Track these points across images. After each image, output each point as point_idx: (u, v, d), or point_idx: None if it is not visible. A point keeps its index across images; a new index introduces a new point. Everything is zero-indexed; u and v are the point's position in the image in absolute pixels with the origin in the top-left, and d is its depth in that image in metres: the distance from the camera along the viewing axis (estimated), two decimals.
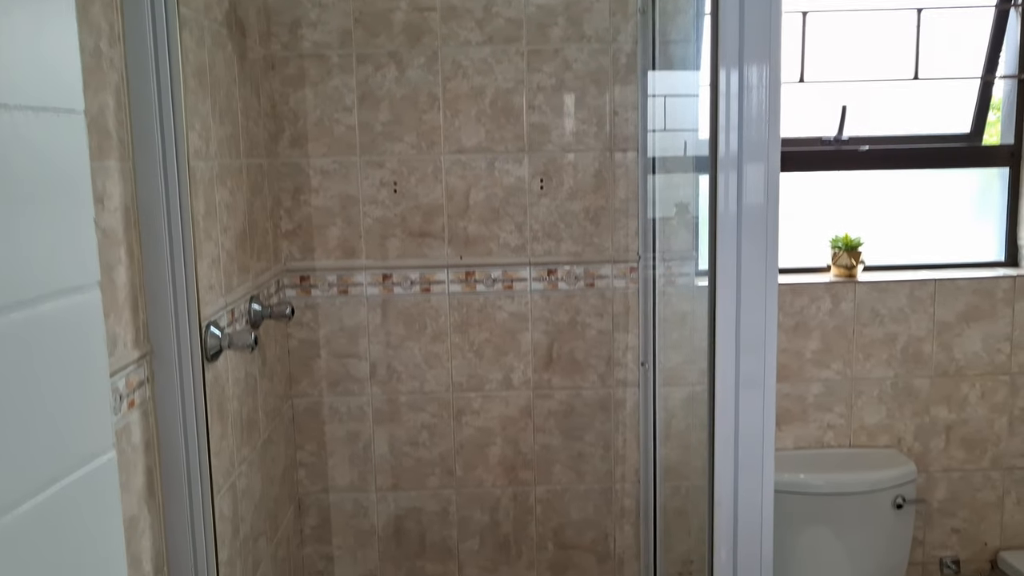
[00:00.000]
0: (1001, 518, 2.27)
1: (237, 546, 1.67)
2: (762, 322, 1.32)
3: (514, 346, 2.20)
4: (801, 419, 2.24)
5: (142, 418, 1.22)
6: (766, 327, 1.31)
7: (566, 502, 2.27)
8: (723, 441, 1.35)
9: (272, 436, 2.00)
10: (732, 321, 1.29)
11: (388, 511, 2.26)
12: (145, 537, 1.21)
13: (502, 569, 2.29)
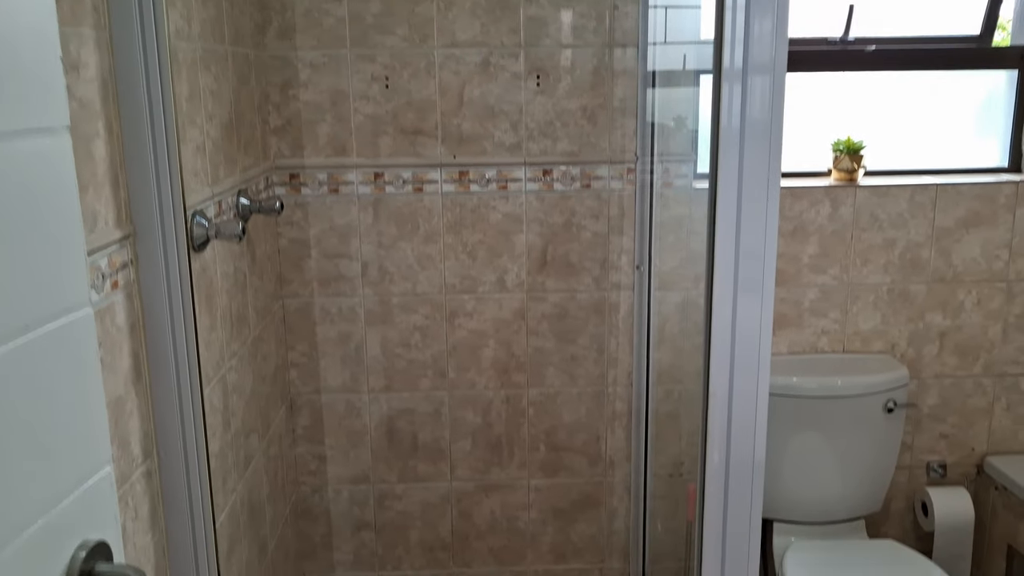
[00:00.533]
0: (990, 424, 2.28)
1: (228, 439, 1.67)
2: (762, 230, 1.29)
3: (508, 248, 2.17)
4: (796, 324, 2.23)
5: (126, 300, 1.19)
6: (766, 235, 1.28)
7: (558, 404, 2.28)
8: (719, 346, 1.33)
9: (263, 334, 1.98)
10: (732, 230, 1.26)
11: (380, 412, 2.26)
12: (133, 419, 1.20)
13: (494, 470, 2.31)
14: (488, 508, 2.34)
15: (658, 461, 2.30)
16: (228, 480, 1.67)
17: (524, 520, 2.35)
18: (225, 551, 1.63)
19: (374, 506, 2.32)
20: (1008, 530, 2.17)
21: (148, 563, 1.24)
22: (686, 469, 2.27)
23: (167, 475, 1.29)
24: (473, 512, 2.34)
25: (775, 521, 2.17)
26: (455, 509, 2.33)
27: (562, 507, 2.35)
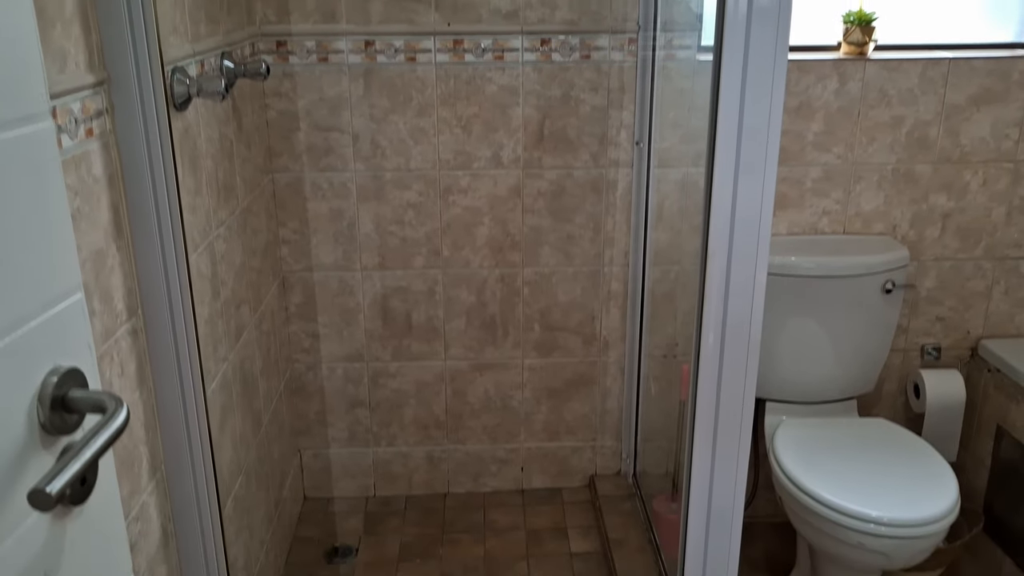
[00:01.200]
0: (987, 307, 2.27)
1: (218, 308, 1.65)
2: (767, 107, 1.23)
3: (504, 122, 2.10)
4: (797, 204, 2.18)
5: (103, 150, 1.14)
6: (771, 112, 1.23)
7: (553, 284, 2.25)
8: (718, 228, 1.29)
9: (252, 207, 1.93)
10: (736, 106, 1.20)
11: (374, 290, 2.24)
12: (115, 275, 1.17)
13: (488, 349, 2.31)
14: (482, 387, 2.34)
15: (652, 342, 2.30)
16: (219, 349, 1.65)
17: (518, 399, 2.36)
18: (218, 420, 1.63)
19: (368, 384, 2.32)
20: (998, 411, 2.19)
21: (137, 420, 1.23)
22: (680, 350, 2.27)
23: (153, 335, 1.27)
24: (467, 391, 2.35)
25: (767, 400, 2.18)
26: (449, 388, 2.34)
27: (556, 386, 2.35)
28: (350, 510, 2.39)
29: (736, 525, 1.44)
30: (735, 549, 1.45)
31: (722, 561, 1.46)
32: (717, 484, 1.42)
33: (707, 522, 1.43)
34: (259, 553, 1.92)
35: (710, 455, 1.40)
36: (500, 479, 2.45)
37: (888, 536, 1.73)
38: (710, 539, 1.44)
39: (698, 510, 1.42)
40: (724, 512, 1.43)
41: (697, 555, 1.45)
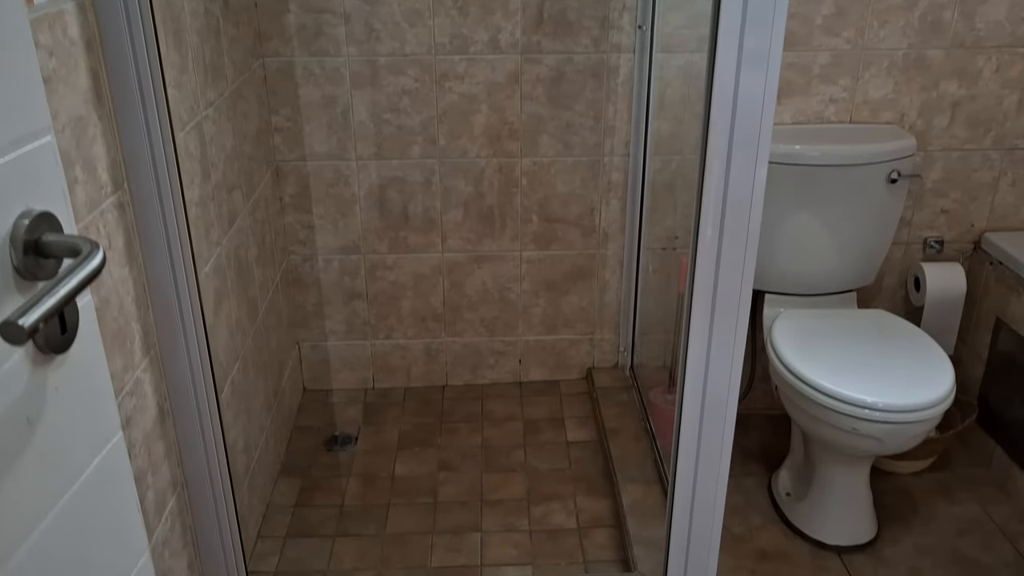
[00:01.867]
0: (993, 199, 2.23)
1: (209, 191, 1.62)
2: None
3: (501, 3, 2.02)
4: (803, 92, 2.12)
5: (78, 11, 1.09)
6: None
7: (552, 174, 2.21)
8: (719, 117, 1.25)
9: (242, 91, 1.88)
10: None
11: (370, 180, 2.20)
12: (97, 144, 1.13)
13: (485, 241, 2.28)
14: (479, 279, 2.33)
15: (652, 234, 2.27)
16: (211, 233, 1.63)
17: (516, 292, 2.35)
18: (212, 304, 1.62)
19: (365, 276, 2.31)
20: (998, 304, 2.18)
21: (127, 295, 1.21)
22: (680, 243, 2.25)
23: (140, 210, 1.24)
24: (464, 283, 2.34)
25: (766, 293, 2.17)
26: (447, 280, 2.33)
27: (554, 279, 2.34)
28: (349, 401, 2.41)
29: (730, 415, 1.44)
30: (728, 438, 1.46)
31: (715, 450, 1.47)
32: (712, 374, 1.41)
33: (701, 411, 1.44)
34: (259, 439, 1.94)
35: (706, 346, 1.39)
36: (498, 371, 2.46)
37: (881, 422, 1.75)
38: (704, 428, 1.45)
39: (693, 399, 1.43)
40: (719, 402, 1.43)
41: (691, 444, 1.46)
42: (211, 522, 1.47)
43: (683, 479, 1.49)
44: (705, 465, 1.48)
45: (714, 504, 1.51)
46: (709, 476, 1.48)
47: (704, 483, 1.49)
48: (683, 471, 1.48)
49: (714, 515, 1.52)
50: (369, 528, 1.94)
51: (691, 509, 1.51)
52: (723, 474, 1.49)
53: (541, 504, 2.01)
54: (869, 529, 2.02)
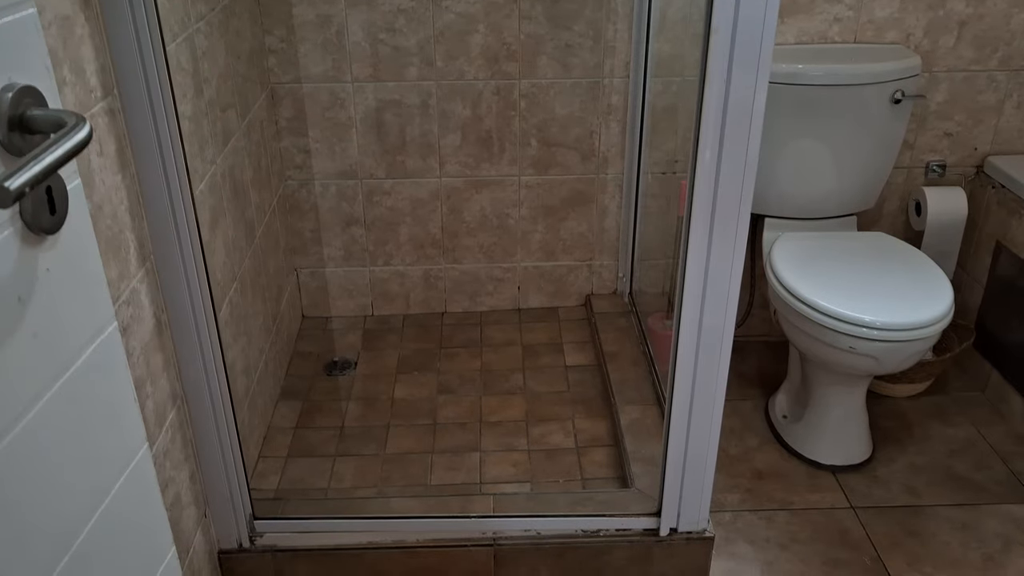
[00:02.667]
0: (997, 122, 2.20)
1: (202, 107, 1.59)
2: None
3: None
4: (807, 11, 2.08)
5: None
6: None
7: (551, 97, 2.18)
8: (719, 38, 1.22)
9: (235, 8, 1.84)
10: None
11: (366, 103, 2.17)
12: (86, 46, 1.11)
13: (484, 166, 2.26)
14: (478, 205, 2.32)
15: (652, 158, 2.25)
16: (206, 150, 1.61)
17: (514, 217, 2.34)
18: (208, 221, 1.61)
19: (363, 202, 2.30)
20: (999, 227, 2.16)
21: (121, 204, 1.20)
22: (680, 167, 2.23)
23: (132, 118, 1.22)
24: (463, 209, 2.32)
25: (766, 216, 2.16)
26: (445, 206, 2.31)
27: (553, 205, 2.33)
28: (348, 328, 2.42)
29: (727, 333, 1.45)
30: (725, 357, 1.46)
31: (712, 372, 1.48)
32: (710, 295, 1.41)
33: (699, 330, 1.44)
34: (258, 361, 1.95)
35: (704, 268, 1.39)
36: (497, 298, 2.46)
37: (878, 340, 1.75)
38: (701, 346, 1.45)
39: (690, 319, 1.43)
40: (716, 322, 1.43)
41: (688, 362, 1.47)
42: (211, 436, 1.48)
43: (680, 398, 1.50)
44: (702, 383, 1.49)
45: (710, 422, 1.53)
46: (706, 394, 1.49)
47: (701, 401, 1.50)
48: (680, 390, 1.48)
49: (710, 434, 1.53)
50: (369, 448, 1.96)
51: (687, 428, 1.53)
52: (720, 390, 1.50)
53: (539, 425, 2.03)
54: (864, 449, 2.04)
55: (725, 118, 1.28)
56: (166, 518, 0.93)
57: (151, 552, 0.90)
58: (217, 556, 1.60)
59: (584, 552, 1.62)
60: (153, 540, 0.90)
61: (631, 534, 1.63)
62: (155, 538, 0.91)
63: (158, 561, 0.90)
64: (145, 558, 0.88)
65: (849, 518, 1.88)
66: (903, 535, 1.84)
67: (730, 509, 1.91)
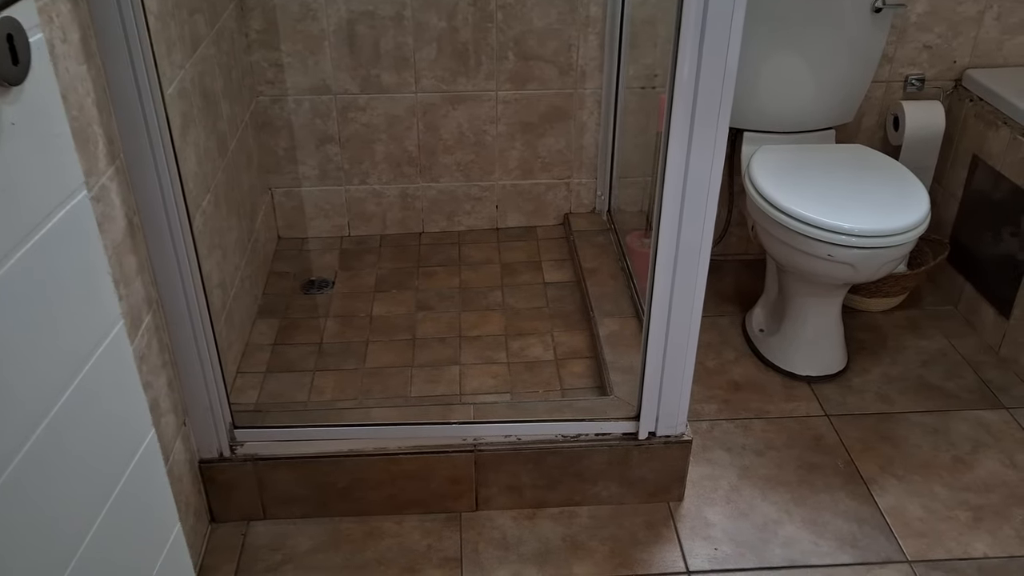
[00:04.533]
0: (976, 34, 2.19)
1: (168, 7, 1.54)
2: None
3: None
4: None
5: None
6: None
7: (529, 8, 2.13)
8: None
9: None
10: None
11: (339, 15, 2.11)
12: None
13: (460, 80, 2.22)
14: (455, 121, 2.28)
15: (631, 72, 2.22)
16: (173, 53, 1.56)
17: (492, 134, 2.31)
18: (179, 126, 1.57)
19: (337, 118, 2.25)
20: (976, 141, 2.17)
21: (87, 96, 1.17)
22: (660, 81, 2.20)
23: (95, 5, 1.18)
24: (439, 126, 2.29)
25: (744, 131, 2.14)
26: (421, 122, 2.28)
27: (531, 121, 2.30)
28: (325, 248, 2.39)
29: (704, 253, 1.44)
30: (703, 269, 1.46)
31: (689, 287, 1.48)
32: (688, 209, 1.40)
33: (676, 251, 1.44)
34: (234, 278, 1.93)
35: (682, 181, 1.38)
36: (474, 217, 2.44)
37: (856, 247, 1.76)
38: (678, 268, 1.45)
39: (669, 229, 1.42)
40: (693, 242, 1.43)
41: (665, 282, 1.47)
42: (188, 342, 1.47)
43: (658, 308, 1.50)
44: (682, 282, 1.48)
45: (688, 331, 1.53)
46: (685, 289, 1.49)
47: (679, 309, 1.50)
48: (660, 286, 1.48)
49: (688, 335, 1.54)
50: (348, 363, 1.96)
51: (665, 339, 1.53)
52: (698, 299, 1.50)
53: (519, 339, 2.03)
54: (839, 360, 2.07)
55: (704, 29, 1.26)
56: (144, 399, 0.92)
57: (129, 434, 0.89)
58: (198, 465, 1.60)
59: (563, 456, 1.64)
60: (131, 421, 0.89)
61: (610, 438, 1.65)
62: (133, 419, 0.90)
63: (137, 442, 0.89)
64: (123, 440, 0.87)
65: (823, 425, 1.92)
66: (876, 440, 1.87)
67: (707, 419, 1.94)
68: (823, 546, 1.63)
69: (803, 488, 1.76)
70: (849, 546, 1.63)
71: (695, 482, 1.76)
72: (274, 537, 1.65)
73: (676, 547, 1.63)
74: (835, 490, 1.75)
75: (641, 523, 1.67)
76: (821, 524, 1.68)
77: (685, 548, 1.63)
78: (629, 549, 1.62)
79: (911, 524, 1.67)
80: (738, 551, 1.62)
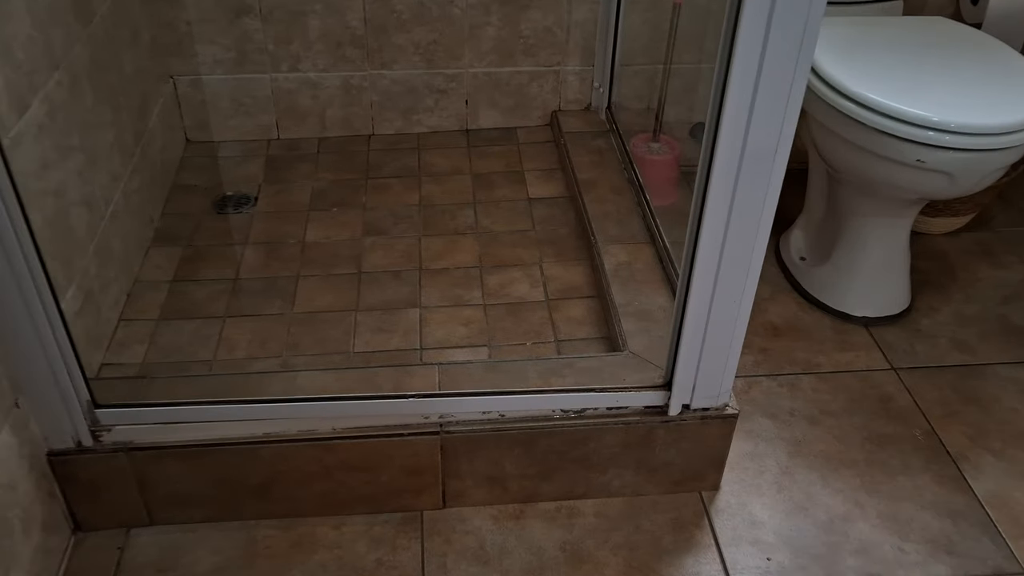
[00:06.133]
0: None
1: None
2: None
3: None
4: None
5: None
6: None
7: None
8: None
9: None
10: None
11: None
12: None
13: None
14: None
15: None
16: None
17: (460, 6, 1.79)
18: None
19: None
20: None
21: None
22: None
23: None
24: None
25: None
26: None
27: None
28: (246, 155, 1.88)
29: (780, 162, 0.98)
30: (774, 191, 1.01)
31: (755, 203, 1.01)
32: (761, 104, 0.93)
33: (741, 155, 0.97)
34: (111, 192, 1.42)
35: (758, 58, 0.90)
36: (439, 116, 1.94)
37: (956, 148, 1.30)
38: (742, 178, 0.99)
39: (731, 138, 0.95)
40: (766, 146, 0.96)
41: (723, 194, 1.00)
42: (7, 285, 0.97)
43: (710, 234, 1.03)
44: (744, 206, 1.02)
45: (748, 267, 1.08)
46: (747, 224, 1.03)
47: (738, 235, 1.05)
48: (713, 217, 1.02)
49: (745, 285, 1.09)
50: (271, 306, 1.48)
51: (715, 280, 1.07)
52: (766, 221, 1.04)
53: (497, 273, 1.56)
54: (903, 298, 1.63)
55: None
56: None
57: None
58: (47, 460, 1.13)
59: (562, 439, 1.19)
60: None
61: (627, 413, 1.20)
62: None
63: None
64: None
65: (891, 382, 1.49)
66: (959, 402, 1.45)
67: (743, 375, 1.50)
68: (910, 552, 1.21)
69: (874, 470, 1.33)
70: (944, 551, 1.22)
71: (734, 463, 1.33)
72: (164, 550, 1.19)
73: (715, 556, 1.20)
74: (916, 472, 1.33)
75: (666, 523, 1.24)
76: (904, 521, 1.26)
77: (727, 558, 1.20)
78: (651, 561, 1.19)
79: (1021, 518, 1.26)
80: (798, 562, 1.20)
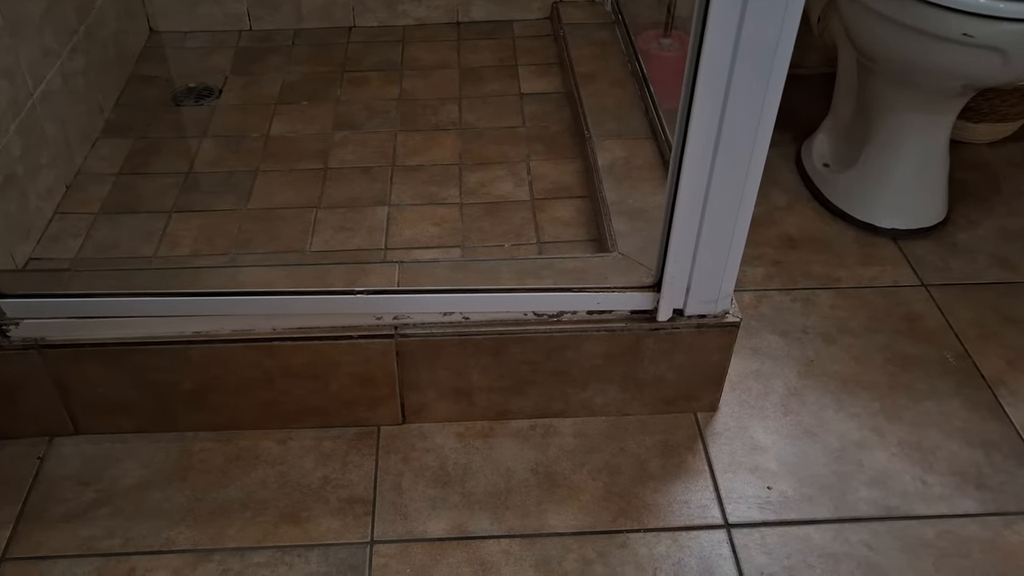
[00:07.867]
0: None
1: None
2: None
3: None
4: None
5: None
6: None
7: None
8: None
9: None
10: None
11: None
12: None
13: None
14: None
15: None
16: None
17: None
18: None
19: None
20: None
21: None
22: None
23: None
24: None
25: None
26: None
27: None
28: (214, 46, 1.71)
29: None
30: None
31: (759, 84, 0.84)
32: None
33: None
34: (44, 70, 1.27)
35: None
36: (427, 6, 1.75)
37: (1010, 17, 1.10)
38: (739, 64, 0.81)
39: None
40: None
41: (722, 57, 0.83)
42: None
43: (704, 102, 0.86)
44: (736, 104, 0.85)
45: (753, 147, 0.92)
46: (751, 94, 0.87)
47: (740, 108, 0.88)
48: (708, 82, 0.84)
49: (749, 169, 0.92)
50: (224, 202, 1.32)
51: (712, 161, 0.90)
52: (775, 86, 0.87)
53: (479, 170, 1.39)
54: (939, 209, 1.45)
55: None
56: None
57: None
58: None
59: (535, 346, 1.04)
60: None
61: (612, 318, 1.04)
62: None
63: None
64: None
65: (920, 299, 1.31)
66: (998, 323, 1.27)
67: (751, 288, 1.33)
68: (934, 484, 1.06)
69: (897, 393, 1.17)
70: (973, 484, 1.06)
71: (735, 383, 1.18)
72: (88, 461, 1.07)
73: (708, 484, 1.05)
74: (945, 396, 1.17)
75: (654, 445, 1.09)
76: (928, 449, 1.10)
77: (722, 486, 1.05)
78: (635, 487, 1.05)
79: None
80: (804, 492, 1.05)
